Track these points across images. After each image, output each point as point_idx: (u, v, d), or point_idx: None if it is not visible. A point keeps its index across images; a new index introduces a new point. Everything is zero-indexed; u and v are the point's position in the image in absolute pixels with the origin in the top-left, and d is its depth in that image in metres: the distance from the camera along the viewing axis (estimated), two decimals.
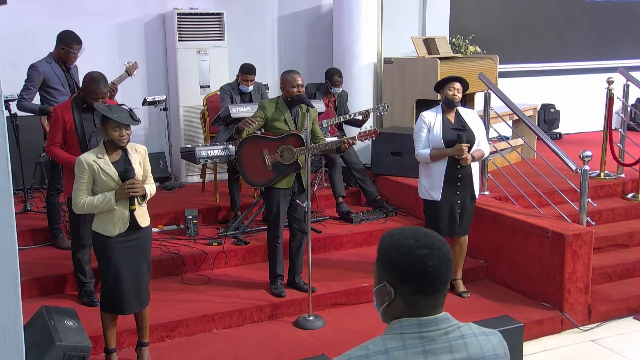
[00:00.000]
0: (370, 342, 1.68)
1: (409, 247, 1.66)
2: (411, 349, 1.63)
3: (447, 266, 1.66)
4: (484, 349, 1.69)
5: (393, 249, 1.69)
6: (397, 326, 1.67)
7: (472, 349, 1.67)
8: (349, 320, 4.91)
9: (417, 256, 1.64)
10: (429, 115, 4.97)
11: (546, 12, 9.66)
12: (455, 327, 1.68)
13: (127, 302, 3.95)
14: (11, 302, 1.97)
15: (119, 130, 3.81)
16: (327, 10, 8.24)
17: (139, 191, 3.84)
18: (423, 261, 1.64)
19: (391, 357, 1.62)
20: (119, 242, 3.88)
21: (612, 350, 4.77)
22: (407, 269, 1.65)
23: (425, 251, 1.64)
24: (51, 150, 4.55)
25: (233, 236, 5.78)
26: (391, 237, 1.72)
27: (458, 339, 1.67)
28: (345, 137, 4.92)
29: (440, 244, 1.67)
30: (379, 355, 1.63)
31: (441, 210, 4.97)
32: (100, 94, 4.35)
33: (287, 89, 4.92)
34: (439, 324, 1.66)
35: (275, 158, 4.92)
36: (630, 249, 6.07)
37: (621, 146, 7.08)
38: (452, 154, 4.86)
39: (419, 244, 1.66)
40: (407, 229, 1.72)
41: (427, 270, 1.64)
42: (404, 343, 1.64)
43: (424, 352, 1.63)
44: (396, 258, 1.67)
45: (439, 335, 1.65)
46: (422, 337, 1.64)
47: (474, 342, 1.69)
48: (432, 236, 1.69)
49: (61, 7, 6.92)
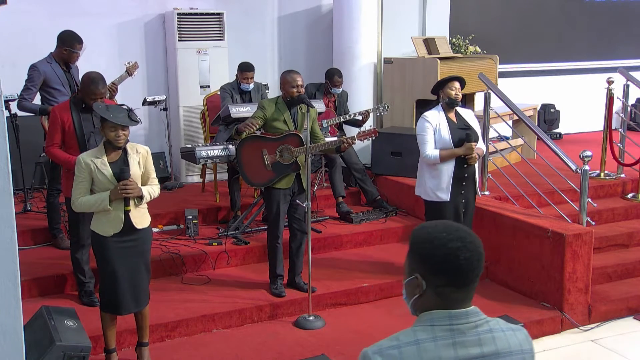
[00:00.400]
0: (400, 333, 1.71)
1: (441, 240, 1.69)
2: (441, 340, 1.67)
3: (478, 259, 1.69)
4: (511, 343, 1.73)
5: (426, 242, 1.71)
6: (428, 318, 1.71)
7: (500, 343, 1.71)
8: (349, 320, 4.91)
9: (449, 249, 1.67)
10: (433, 116, 4.93)
11: (546, 12, 9.66)
12: (484, 321, 1.72)
13: (123, 303, 3.94)
14: (11, 302, 1.97)
15: (116, 131, 3.81)
16: (327, 10, 8.24)
17: (132, 192, 3.83)
18: (456, 254, 1.67)
19: (422, 348, 1.66)
20: (115, 242, 3.88)
21: (612, 350, 4.77)
22: (440, 261, 1.68)
23: (457, 244, 1.68)
24: (50, 150, 4.55)
25: (233, 236, 5.78)
26: (424, 231, 1.74)
27: (487, 333, 1.71)
28: (345, 137, 4.91)
29: (472, 238, 1.71)
30: (410, 346, 1.67)
31: (447, 211, 4.94)
32: (99, 94, 4.35)
33: (286, 89, 4.92)
34: (469, 317, 1.70)
35: (274, 158, 4.92)
36: (630, 249, 6.07)
37: (621, 146, 7.08)
38: (462, 154, 4.84)
39: (451, 237, 1.69)
40: (440, 223, 1.75)
41: (459, 262, 1.67)
42: (435, 335, 1.67)
43: (454, 344, 1.67)
44: (429, 250, 1.70)
45: (468, 329, 1.69)
46: (452, 329, 1.68)
47: (502, 336, 1.72)
48: (463, 230, 1.72)
49: (61, 7, 6.92)
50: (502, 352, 1.70)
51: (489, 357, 1.69)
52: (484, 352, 1.68)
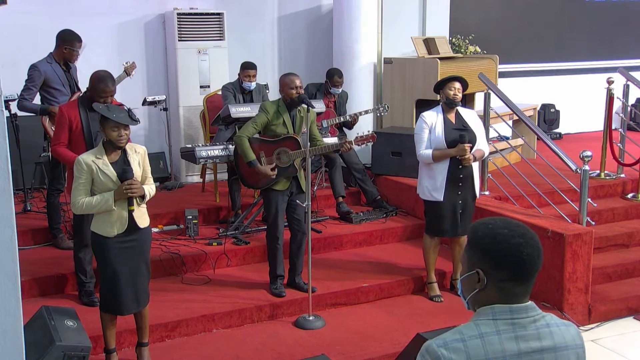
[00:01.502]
0: (463, 327, 1.76)
1: (504, 236, 1.74)
2: (504, 334, 1.73)
3: (539, 255, 1.76)
4: (566, 338, 1.80)
5: (488, 237, 1.76)
6: (489, 312, 1.76)
7: (556, 337, 1.78)
8: (349, 320, 4.91)
9: (512, 244, 1.73)
10: (430, 116, 4.96)
11: (546, 12, 9.66)
12: (541, 316, 1.79)
13: (124, 303, 3.94)
14: (11, 302, 1.96)
15: (118, 130, 3.80)
16: (327, 10, 8.24)
17: (137, 192, 3.83)
18: (518, 249, 1.73)
19: (486, 341, 1.71)
20: (117, 243, 3.88)
21: (612, 350, 4.77)
22: (503, 255, 1.74)
23: (520, 240, 1.74)
24: (56, 149, 4.55)
25: (233, 236, 5.78)
26: (485, 226, 1.79)
27: (544, 327, 1.77)
28: (346, 138, 4.92)
29: (532, 234, 1.77)
30: (474, 339, 1.71)
31: (443, 211, 4.96)
32: (109, 92, 4.35)
33: (286, 91, 4.92)
34: (529, 311, 1.77)
35: (272, 160, 4.93)
36: (630, 249, 6.07)
37: (621, 146, 7.08)
38: (455, 154, 4.85)
39: (513, 232, 1.75)
40: (499, 219, 1.80)
41: (522, 257, 1.73)
42: (497, 329, 1.73)
43: (516, 337, 1.73)
44: (491, 245, 1.75)
45: (528, 323, 1.76)
46: (513, 323, 1.74)
47: (558, 331, 1.79)
48: (523, 226, 1.78)
49: (61, 7, 6.92)
50: (559, 346, 1.77)
51: (548, 350, 1.75)
52: (543, 345, 1.75)
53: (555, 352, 1.76)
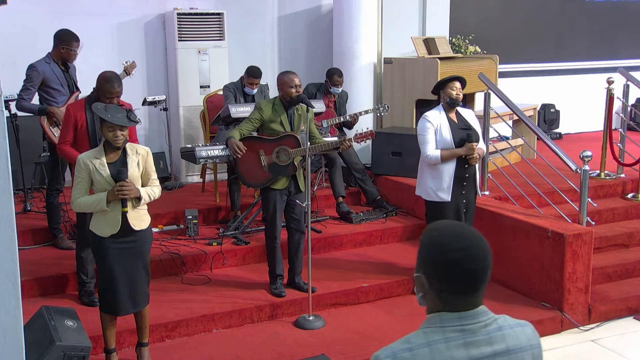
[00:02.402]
0: (411, 336, 1.72)
1: (444, 248, 1.67)
2: (453, 341, 1.67)
3: (482, 271, 1.68)
4: (521, 339, 1.75)
5: (432, 245, 1.71)
6: (438, 319, 1.71)
7: (509, 340, 1.73)
8: (349, 320, 4.91)
9: (450, 259, 1.66)
10: (434, 116, 4.92)
11: (546, 12, 9.66)
12: (493, 320, 1.73)
13: (120, 303, 3.94)
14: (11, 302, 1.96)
15: (113, 131, 3.80)
16: (327, 10, 8.24)
17: (128, 194, 3.82)
18: (460, 264, 1.66)
19: (434, 349, 1.67)
20: (113, 243, 3.87)
21: (612, 350, 4.77)
22: (442, 267, 1.68)
23: (458, 255, 1.66)
24: (61, 147, 4.57)
25: (233, 236, 5.78)
26: (431, 232, 1.73)
27: (496, 331, 1.72)
28: (345, 137, 4.91)
29: (478, 250, 1.68)
30: (422, 348, 1.67)
31: (448, 211, 4.93)
32: (115, 93, 4.35)
33: (285, 89, 4.90)
34: (479, 317, 1.71)
35: (271, 159, 4.92)
36: (630, 249, 6.07)
37: (621, 146, 7.07)
38: (463, 154, 4.83)
39: (459, 245, 1.67)
40: (451, 227, 1.72)
41: (462, 272, 1.66)
42: (446, 336, 1.68)
43: (465, 344, 1.68)
44: (434, 255, 1.69)
45: (478, 328, 1.70)
46: (463, 330, 1.69)
47: (511, 333, 1.74)
48: (472, 239, 1.69)
49: (61, 7, 6.92)
50: (512, 348, 1.72)
51: (501, 354, 1.71)
52: (495, 350, 1.70)
53: (509, 356, 1.71)
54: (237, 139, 4.86)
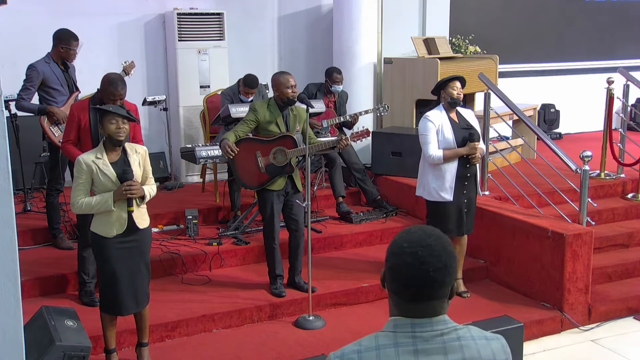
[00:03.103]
0: (364, 339, 1.70)
1: (399, 249, 1.67)
2: (402, 347, 1.64)
3: (426, 283, 1.62)
4: (482, 353, 1.68)
5: (392, 243, 1.71)
6: (392, 324, 1.69)
7: (467, 351, 1.66)
8: (349, 320, 4.91)
9: (400, 261, 1.65)
10: (435, 116, 4.91)
11: (546, 12, 9.66)
12: (452, 329, 1.67)
13: (124, 303, 3.94)
14: (11, 302, 1.96)
15: (116, 123, 3.79)
16: (327, 10, 8.24)
17: (136, 193, 3.82)
18: (401, 269, 1.65)
19: (382, 354, 1.64)
20: (116, 243, 3.87)
21: (612, 350, 4.77)
22: (393, 268, 1.68)
23: (408, 259, 1.63)
24: (65, 146, 4.60)
25: (233, 236, 5.78)
26: (404, 232, 1.71)
27: (453, 341, 1.66)
28: (343, 136, 4.91)
29: (429, 260, 1.62)
30: (370, 351, 1.65)
31: (450, 211, 4.94)
32: (119, 95, 4.36)
33: (281, 90, 4.88)
34: (433, 325, 1.66)
35: (268, 160, 4.91)
36: (630, 249, 6.07)
37: (621, 146, 7.07)
38: (466, 153, 4.84)
39: (409, 250, 1.64)
40: (421, 232, 1.68)
41: (403, 278, 1.65)
42: (396, 341, 1.65)
43: (415, 351, 1.64)
44: (390, 252, 1.70)
45: (432, 337, 1.65)
46: (414, 336, 1.65)
47: (472, 345, 1.67)
48: (431, 249, 1.63)
49: (61, 7, 6.92)
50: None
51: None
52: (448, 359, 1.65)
53: None
54: (232, 141, 4.85)
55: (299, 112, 4.96)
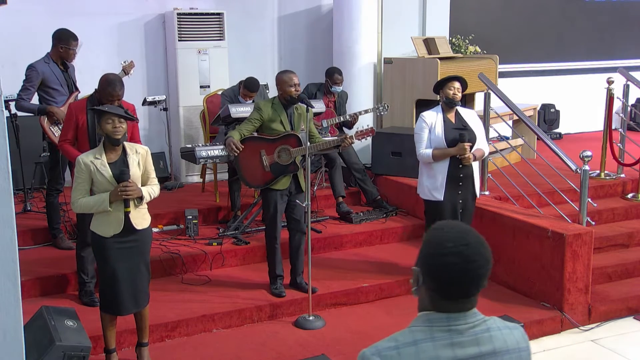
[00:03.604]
0: (399, 334, 1.72)
1: (444, 249, 1.67)
2: (439, 341, 1.67)
3: (473, 281, 1.66)
4: (508, 342, 1.74)
5: (431, 242, 1.71)
6: (426, 319, 1.72)
7: (497, 342, 1.72)
8: (349, 320, 4.91)
9: (446, 261, 1.66)
10: (430, 115, 4.96)
11: (546, 12, 9.66)
12: (482, 321, 1.72)
13: (123, 303, 3.94)
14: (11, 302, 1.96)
15: (112, 122, 3.80)
16: (327, 10, 8.24)
17: (132, 194, 3.82)
18: (450, 268, 1.65)
19: (420, 348, 1.67)
20: (115, 243, 3.87)
21: (612, 350, 4.77)
22: (434, 268, 1.68)
23: (456, 259, 1.65)
24: (62, 146, 4.61)
25: (233, 236, 5.78)
26: (437, 232, 1.72)
27: (484, 332, 1.71)
28: (346, 135, 4.90)
29: (476, 257, 1.66)
30: (408, 346, 1.67)
31: (443, 211, 4.95)
32: (116, 95, 4.36)
33: (284, 89, 4.89)
34: (467, 318, 1.71)
35: (272, 159, 4.91)
36: (630, 249, 6.07)
37: (621, 146, 7.07)
38: (455, 154, 4.85)
39: (454, 250, 1.65)
40: (458, 229, 1.71)
41: (450, 277, 1.66)
42: (432, 335, 1.68)
43: (452, 344, 1.67)
44: (430, 253, 1.70)
45: (466, 329, 1.69)
46: (450, 330, 1.68)
47: (499, 335, 1.73)
48: (474, 246, 1.67)
49: (61, 7, 6.92)
50: (499, 350, 1.72)
51: (487, 356, 1.70)
52: (481, 351, 1.69)
53: (495, 357, 1.71)
54: (236, 139, 4.86)
55: (303, 110, 4.95)
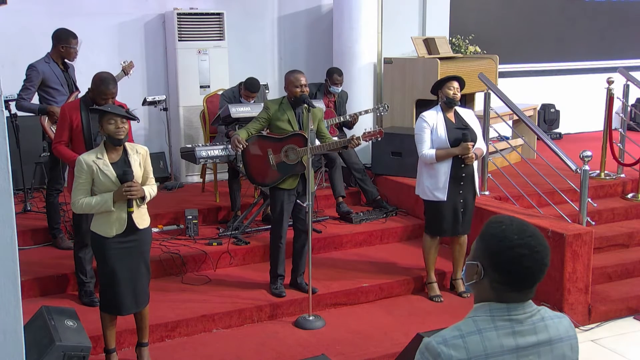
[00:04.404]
0: (462, 324, 1.79)
1: (511, 242, 1.74)
2: (502, 330, 1.76)
3: (541, 269, 1.75)
4: (560, 330, 1.84)
5: (496, 237, 1.76)
6: (487, 309, 1.79)
7: (552, 330, 1.82)
8: (349, 320, 4.91)
9: (516, 253, 1.73)
10: (431, 116, 4.95)
11: (546, 13, 9.66)
12: (537, 311, 1.83)
13: (123, 303, 3.94)
14: (11, 302, 1.96)
15: (115, 123, 3.80)
16: (327, 10, 8.24)
17: (136, 194, 3.82)
18: (520, 260, 1.72)
19: (485, 337, 1.74)
20: (116, 243, 3.87)
21: (612, 350, 4.77)
22: (503, 261, 1.74)
23: (525, 251, 1.73)
24: (57, 147, 4.58)
25: (233, 236, 5.78)
26: (498, 225, 1.78)
27: (540, 322, 1.81)
28: (353, 136, 4.90)
29: (541, 248, 1.75)
30: (473, 335, 1.75)
31: (445, 211, 4.96)
32: (110, 94, 4.36)
33: (290, 89, 4.90)
34: (525, 308, 1.80)
35: (279, 158, 4.91)
36: (630, 249, 6.07)
37: (621, 146, 7.07)
38: (458, 153, 4.85)
39: (521, 242, 1.73)
40: (517, 222, 1.78)
41: (521, 268, 1.73)
42: (495, 324, 1.76)
43: (513, 333, 1.77)
44: (495, 247, 1.76)
45: (525, 318, 1.79)
46: (511, 319, 1.78)
47: (552, 324, 1.84)
48: (536, 237, 1.76)
49: (61, 7, 6.92)
50: (554, 338, 1.81)
51: (544, 344, 1.79)
52: (539, 339, 1.79)
53: (551, 345, 1.80)
54: (243, 137, 4.87)
55: (313, 110, 4.94)
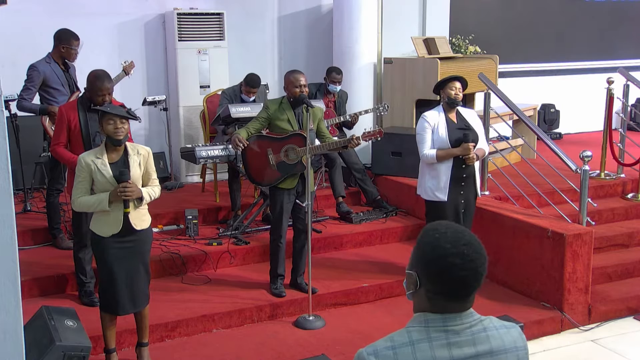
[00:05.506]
0: (395, 334, 1.72)
1: (444, 251, 1.67)
2: (436, 341, 1.68)
3: (476, 279, 1.68)
4: (505, 341, 1.75)
5: (429, 245, 1.70)
6: (422, 319, 1.72)
7: (494, 341, 1.73)
8: (349, 320, 4.91)
9: (448, 263, 1.66)
10: (432, 116, 4.94)
11: (546, 12, 9.66)
12: (478, 321, 1.73)
13: (120, 303, 3.94)
14: (11, 302, 1.96)
15: (114, 123, 3.80)
16: (327, 10, 8.24)
17: (131, 195, 3.82)
18: (452, 269, 1.66)
19: (417, 348, 1.68)
20: (113, 243, 3.87)
21: (612, 350, 4.77)
22: (436, 271, 1.68)
23: (457, 260, 1.66)
24: (55, 149, 4.57)
25: (233, 236, 5.78)
26: (432, 233, 1.72)
27: (480, 332, 1.73)
28: (354, 135, 4.90)
29: (476, 256, 1.68)
30: (405, 347, 1.68)
31: (446, 211, 4.94)
32: (105, 90, 4.36)
33: (290, 89, 4.91)
34: (463, 318, 1.71)
35: (279, 157, 4.91)
36: (630, 249, 6.07)
37: (621, 146, 7.08)
38: (459, 154, 4.84)
39: (455, 251, 1.66)
40: (453, 230, 1.72)
41: (453, 278, 1.66)
42: (429, 336, 1.69)
43: (448, 344, 1.68)
44: (428, 256, 1.69)
45: (462, 329, 1.71)
46: (446, 330, 1.69)
47: (496, 334, 1.74)
48: (471, 245, 1.69)
49: (61, 7, 6.92)
50: (496, 350, 1.72)
51: (484, 355, 1.71)
52: (478, 351, 1.70)
53: (492, 357, 1.72)
54: (243, 137, 4.87)
55: (313, 110, 4.94)
